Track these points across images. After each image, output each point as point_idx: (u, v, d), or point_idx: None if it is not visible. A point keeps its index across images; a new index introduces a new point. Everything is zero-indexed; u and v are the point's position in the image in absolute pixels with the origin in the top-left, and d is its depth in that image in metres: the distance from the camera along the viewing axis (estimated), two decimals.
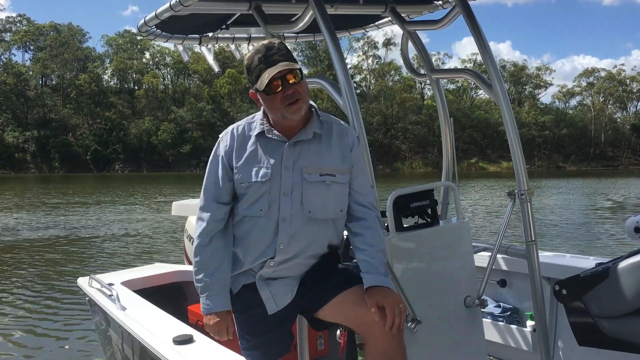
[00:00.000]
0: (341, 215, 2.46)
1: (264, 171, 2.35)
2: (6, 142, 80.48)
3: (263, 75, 2.25)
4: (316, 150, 2.40)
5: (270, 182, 2.34)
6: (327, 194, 2.38)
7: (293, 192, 2.35)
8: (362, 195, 2.47)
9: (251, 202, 2.37)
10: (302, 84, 2.32)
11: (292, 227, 2.34)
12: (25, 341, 6.47)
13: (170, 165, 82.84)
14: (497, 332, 3.85)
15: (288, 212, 2.34)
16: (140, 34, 3.80)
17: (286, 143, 2.38)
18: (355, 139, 2.49)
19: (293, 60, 2.30)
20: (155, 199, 29.11)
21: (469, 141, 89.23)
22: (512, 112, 3.32)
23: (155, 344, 3.06)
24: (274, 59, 2.26)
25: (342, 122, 2.54)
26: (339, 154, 2.42)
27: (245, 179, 2.36)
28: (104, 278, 4.46)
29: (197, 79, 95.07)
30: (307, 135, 2.39)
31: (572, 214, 20.48)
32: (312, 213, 2.36)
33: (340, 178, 2.40)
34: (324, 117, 2.47)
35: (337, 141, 2.44)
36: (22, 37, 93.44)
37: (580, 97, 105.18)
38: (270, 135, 2.40)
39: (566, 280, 2.92)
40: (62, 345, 6.27)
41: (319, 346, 3.99)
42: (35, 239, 14.77)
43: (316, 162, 2.38)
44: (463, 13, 3.34)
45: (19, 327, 7.03)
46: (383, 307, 2.20)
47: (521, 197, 3.31)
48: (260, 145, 2.40)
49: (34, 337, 6.65)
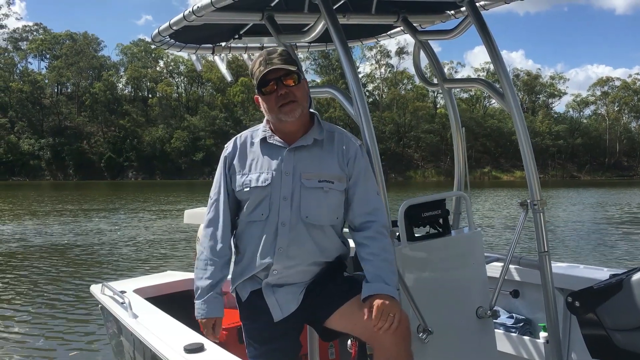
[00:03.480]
0: (337, 222, 2.49)
1: (264, 176, 2.40)
2: (22, 149, 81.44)
3: (259, 76, 2.35)
4: (316, 156, 2.44)
5: (270, 186, 2.39)
6: (324, 200, 2.40)
7: (292, 197, 2.38)
8: (367, 203, 2.46)
9: (253, 207, 2.42)
10: (299, 87, 2.38)
11: (291, 232, 2.37)
12: (38, 346, 6.51)
13: (183, 173, 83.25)
14: (510, 343, 3.82)
15: (287, 216, 2.37)
16: (154, 43, 3.83)
17: (286, 148, 2.42)
18: (357, 147, 2.51)
19: (292, 64, 2.36)
20: (168, 206, 29.23)
21: (482, 150, 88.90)
22: (524, 121, 3.30)
23: (167, 352, 3.06)
24: (273, 62, 2.34)
25: (344, 131, 2.57)
26: (338, 162, 2.44)
27: (247, 184, 2.42)
28: (116, 285, 4.47)
29: (210, 87, 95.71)
30: (307, 141, 2.43)
31: (586, 225, 20.27)
32: (309, 218, 2.39)
33: (339, 185, 2.42)
34: (327, 126, 2.51)
35: (337, 149, 2.47)
36: (38, 46, 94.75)
37: (595, 106, 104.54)
38: (271, 140, 2.45)
39: (579, 292, 2.89)
40: (73, 352, 6.28)
41: (329, 355, 3.97)
42: (49, 245, 14.88)
43: (315, 168, 2.41)
44: (475, 23, 3.33)
45: (32, 332, 7.08)
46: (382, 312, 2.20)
47: (534, 207, 3.28)
48: (262, 151, 2.46)
49: (46, 341, 6.70)
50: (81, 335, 6.93)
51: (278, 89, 2.36)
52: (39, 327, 7.37)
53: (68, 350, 6.43)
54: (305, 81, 2.46)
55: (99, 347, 6.35)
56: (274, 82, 2.35)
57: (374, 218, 2.45)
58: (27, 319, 7.80)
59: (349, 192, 2.46)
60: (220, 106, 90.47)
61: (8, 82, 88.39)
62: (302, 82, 2.41)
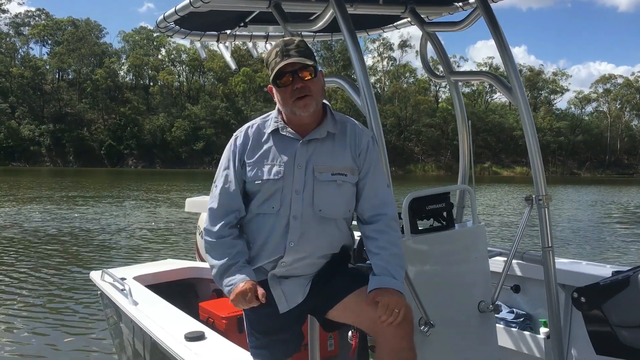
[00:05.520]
0: (349, 215, 2.46)
1: (276, 169, 2.35)
2: (22, 135, 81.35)
3: (275, 68, 2.28)
4: (329, 149, 2.40)
5: (282, 179, 2.34)
6: (337, 194, 2.37)
7: (305, 191, 2.34)
8: (378, 195, 2.43)
9: (264, 200, 2.37)
10: (315, 81, 2.33)
11: (302, 225, 2.34)
12: (36, 332, 6.52)
13: (183, 162, 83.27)
14: (510, 338, 3.81)
15: (299, 210, 2.34)
16: (159, 29, 3.80)
17: (299, 141, 2.38)
18: (370, 139, 2.48)
19: (309, 58, 2.31)
20: (168, 195, 29.23)
21: (482, 145, 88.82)
22: (531, 116, 3.28)
23: (167, 339, 3.06)
24: (289, 53, 2.29)
25: (356, 122, 2.53)
26: (351, 154, 2.41)
27: (258, 176, 2.37)
28: (116, 272, 4.47)
29: (212, 77, 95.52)
30: (320, 134, 2.39)
31: (587, 222, 20.28)
32: (323, 212, 2.35)
33: (351, 178, 2.39)
34: (338, 117, 2.47)
35: (350, 141, 2.43)
36: (40, 32, 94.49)
37: (597, 103, 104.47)
38: (284, 132, 2.41)
39: (585, 287, 2.88)
40: (71, 338, 6.29)
41: (328, 347, 3.97)
42: (48, 231, 14.88)
43: (328, 161, 2.38)
44: (484, 15, 3.30)
45: (31, 318, 7.09)
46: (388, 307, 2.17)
47: (539, 203, 3.26)
48: (274, 142, 2.41)
49: (45, 328, 6.70)
50: (80, 321, 6.94)
51: (294, 83, 2.29)
52: (36, 312, 7.38)
53: (66, 335, 6.43)
54: (321, 74, 2.40)
55: (98, 333, 6.36)
56: (289, 75, 2.29)
57: (384, 211, 2.42)
58: (26, 302, 7.81)
59: (359, 184, 2.43)
60: (222, 96, 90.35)
61: (9, 67, 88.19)
62: (318, 75, 2.35)
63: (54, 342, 6.18)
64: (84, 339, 6.29)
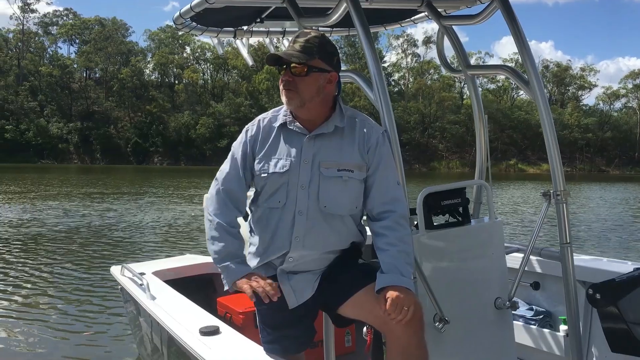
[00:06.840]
0: (357, 212, 2.44)
1: (282, 163, 2.36)
2: (51, 132, 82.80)
3: (269, 54, 2.35)
4: (336, 144, 2.39)
5: (288, 173, 2.34)
6: (343, 190, 2.36)
7: (310, 186, 2.34)
8: (387, 191, 2.41)
9: (270, 194, 2.38)
10: (304, 79, 2.31)
11: (308, 221, 2.33)
12: (59, 325, 6.61)
13: (207, 159, 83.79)
14: (529, 335, 3.77)
15: (304, 205, 2.33)
16: (176, 26, 3.83)
17: (306, 136, 2.37)
18: (380, 135, 2.45)
19: (310, 55, 2.29)
20: (191, 192, 29.47)
21: (508, 142, 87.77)
22: (549, 110, 3.22)
23: (182, 333, 3.08)
24: (293, 45, 2.32)
25: (366, 117, 2.51)
26: (359, 149, 2.39)
27: (265, 170, 2.38)
28: (136, 267, 4.52)
29: (236, 75, 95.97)
30: (327, 128, 2.38)
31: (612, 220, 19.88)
32: (328, 208, 2.34)
33: (358, 174, 2.37)
34: (350, 112, 2.45)
35: (359, 136, 2.41)
36: (68, 31, 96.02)
37: (626, 99, 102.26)
38: (291, 127, 2.41)
39: (600, 284, 2.83)
40: (91, 331, 6.38)
41: (346, 343, 3.97)
42: (73, 226, 15.12)
43: (335, 157, 2.36)
44: (501, 7, 3.26)
45: (54, 311, 7.20)
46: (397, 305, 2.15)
47: (557, 198, 3.21)
48: (282, 136, 2.41)
49: (68, 320, 6.80)
50: (101, 315, 7.03)
51: (286, 74, 2.33)
52: (60, 305, 7.50)
53: (88, 328, 6.53)
54: (318, 75, 2.33)
55: (118, 327, 6.43)
56: (283, 67, 2.34)
57: (393, 208, 2.39)
58: (49, 296, 7.94)
59: (368, 180, 2.41)
60: (246, 93, 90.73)
61: (38, 66, 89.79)
62: (311, 75, 2.31)
63: (75, 336, 6.27)
64: (106, 334, 6.36)
